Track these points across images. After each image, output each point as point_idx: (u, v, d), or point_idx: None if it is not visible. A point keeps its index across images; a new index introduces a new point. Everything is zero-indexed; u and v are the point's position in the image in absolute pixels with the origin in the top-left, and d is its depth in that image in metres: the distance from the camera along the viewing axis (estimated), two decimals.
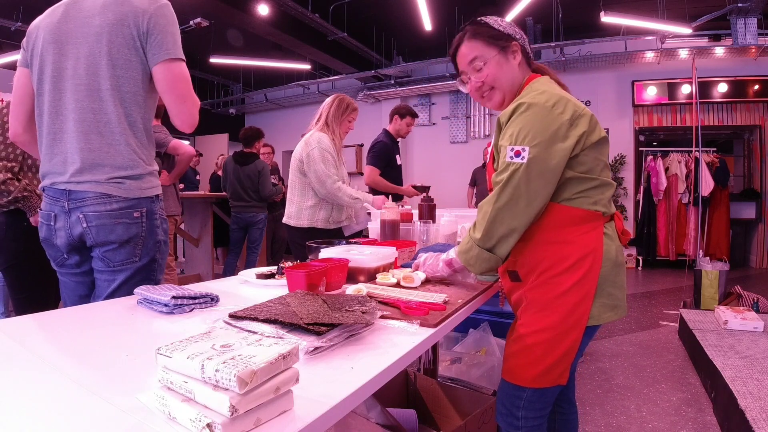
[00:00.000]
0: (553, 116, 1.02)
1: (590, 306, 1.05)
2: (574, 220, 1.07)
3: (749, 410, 1.78)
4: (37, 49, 1.26)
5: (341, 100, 2.41)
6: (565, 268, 1.06)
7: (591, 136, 1.06)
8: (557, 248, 1.08)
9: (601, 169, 1.09)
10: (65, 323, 0.89)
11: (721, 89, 6.01)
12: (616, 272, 1.09)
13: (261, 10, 5.44)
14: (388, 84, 7.70)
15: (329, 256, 1.24)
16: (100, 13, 1.20)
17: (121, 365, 0.67)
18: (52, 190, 1.24)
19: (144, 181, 1.26)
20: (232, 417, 0.45)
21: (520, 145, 1.01)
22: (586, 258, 1.05)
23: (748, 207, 6.18)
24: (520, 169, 1.00)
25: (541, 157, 1.00)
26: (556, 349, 1.06)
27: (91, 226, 1.20)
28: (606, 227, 1.09)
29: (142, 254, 1.27)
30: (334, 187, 2.26)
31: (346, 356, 0.71)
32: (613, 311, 1.09)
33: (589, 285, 1.05)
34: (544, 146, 1.00)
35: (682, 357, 2.85)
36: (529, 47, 1.22)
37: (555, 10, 5.83)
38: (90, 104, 1.20)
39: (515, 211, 1.02)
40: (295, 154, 2.34)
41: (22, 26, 5.66)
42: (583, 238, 1.07)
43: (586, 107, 1.08)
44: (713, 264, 3.58)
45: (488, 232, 1.05)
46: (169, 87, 1.23)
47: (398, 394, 1.80)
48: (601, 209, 1.08)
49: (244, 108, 9.75)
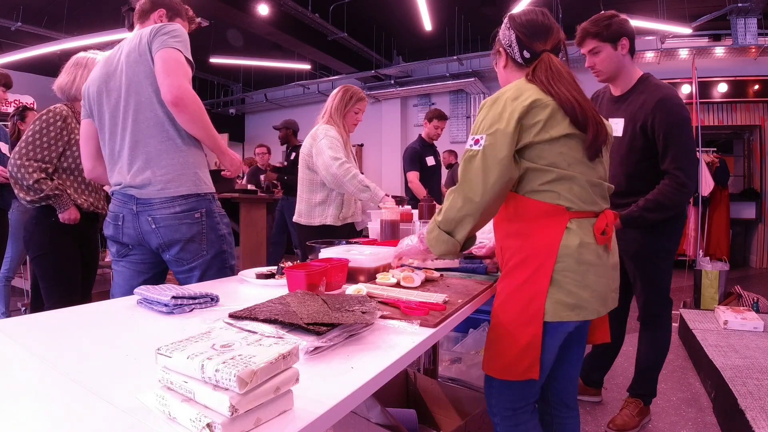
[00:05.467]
0: (511, 106, 1.04)
1: (544, 301, 1.04)
2: (536, 214, 1.07)
3: (749, 410, 1.78)
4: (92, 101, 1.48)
5: (346, 90, 2.33)
6: (520, 260, 1.08)
7: (551, 129, 1.04)
8: (516, 241, 1.10)
9: (568, 164, 1.06)
10: (65, 323, 0.89)
11: (721, 89, 6.00)
12: (580, 271, 1.05)
13: (261, 10, 5.44)
14: (388, 84, 7.70)
15: (329, 256, 1.24)
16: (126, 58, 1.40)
17: (121, 365, 0.67)
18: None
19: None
20: (232, 417, 0.45)
21: (479, 134, 1.05)
22: (539, 253, 1.05)
23: (748, 207, 6.18)
24: (476, 156, 1.04)
25: (493, 143, 1.02)
26: (516, 343, 1.06)
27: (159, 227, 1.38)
28: (571, 223, 1.05)
29: (209, 248, 1.42)
30: (341, 170, 2.10)
31: (346, 356, 0.71)
32: (573, 311, 1.05)
33: (541, 280, 1.04)
34: (498, 134, 1.02)
35: (682, 357, 2.85)
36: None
37: (555, 10, 5.83)
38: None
39: (470, 196, 1.04)
40: (303, 149, 2.29)
41: (22, 26, 5.66)
42: (540, 232, 1.06)
43: (552, 101, 1.06)
44: (713, 264, 3.58)
45: (446, 216, 1.09)
46: (160, 67, 1.32)
47: (398, 394, 1.80)
48: (565, 204, 1.05)
49: (244, 108, 9.75)
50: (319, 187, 2.27)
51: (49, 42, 5.65)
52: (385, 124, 8.26)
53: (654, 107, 1.71)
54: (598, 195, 1.11)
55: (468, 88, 7.35)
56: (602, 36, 1.75)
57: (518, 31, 1.17)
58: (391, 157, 8.01)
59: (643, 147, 1.76)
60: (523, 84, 1.09)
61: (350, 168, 2.13)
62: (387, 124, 8.24)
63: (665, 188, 1.69)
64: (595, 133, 1.07)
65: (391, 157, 8.01)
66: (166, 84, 1.29)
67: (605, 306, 1.12)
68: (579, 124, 1.06)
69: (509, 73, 1.22)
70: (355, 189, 2.14)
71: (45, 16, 5.74)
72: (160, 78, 1.32)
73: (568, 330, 1.09)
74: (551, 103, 1.05)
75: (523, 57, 1.18)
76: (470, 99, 7.73)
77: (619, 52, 1.76)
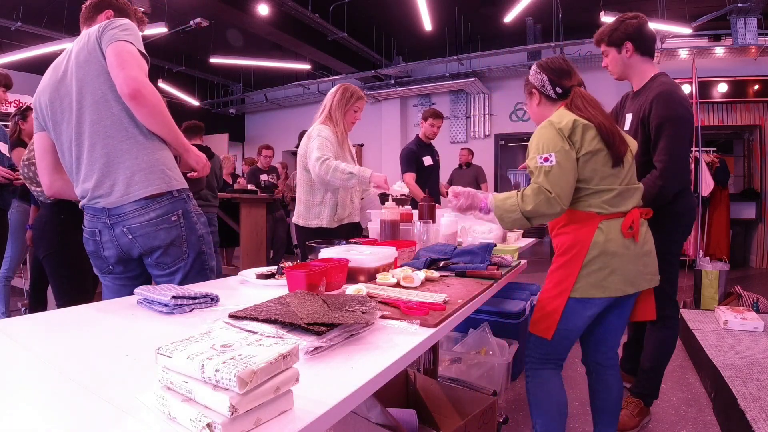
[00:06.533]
0: (559, 128, 1.36)
1: (574, 281, 1.38)
2: (575, 219, 1.42)
3: (749, 410, 1.78)
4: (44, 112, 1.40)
5: (345, 89, 2.32)
6: (561, 252, 1.44)
7: (587, 144, 1.35)
8: (562, 238, 1.45)
9: (600, 179, 1.37)
10: (65, 323, 0.90)
11: (721, 89, 6.00)
12: (606, 259, 1.36)
13: (261, 10, 5.44)
14: (388, 84, 7.70)
15: (329, 256, 1.24)
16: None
17: (121, 365, 0.67)
18: None
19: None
20: (232, 417, 0.45)
21: (547, 152, 1.35)
22: (575, 246, 1.40)
23: (748, 207, 6.18)
24: (553, 169, 1.34)
25: (563, 157, 1.35)
26: (545, 308, 1.44)
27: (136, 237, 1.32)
28: (602, 224, 1.38)
29: (189, 251, 1.37)
30: (323, 169, 2.07)
31: (346, 356, 0.71)
32: (598, 290, 1.38)
33: (573, 266, 1.39)
34: (563, 151, 1.34)
35: (682, 357, 2.85)
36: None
37: (555, 10, 5.83)
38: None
39: (561, 196, 1.34)
40: (300, 150, 2.29)
41: (22, 26, 5.66)
42: (577, 232, 1.40)
43: (585, 121, 1.36)
44: (713, 264, 3.58)
45: (537, 210, 1.35)
46: (113, 61, 1.24)
47: (398, 394, 1.80)
48: (596, 210, 1.38)
49: (244, 108, 9.76)
50: (316, 189, 2.27)
51: (49, 42, 5.64)
52: (385, 124, 8.26)
53: (652, 100, 1.78)
54: (626, 198, 1.41)
55: (468, 88, 7.35)
56: (607, 40, 1.91)
57: (549, 74, 1.50)
58: (391, 157, 8.00)
59: (644, 141, 1.81)
60: (563, 112, 1.42)
61: (330, 162, 2.09)
62: (387, 124, 8.25)
63: (646, 181, 1.74)
64: (618, 144, 1.37)
65: (391, 157, 8.00)
66: (121, 77, 1.21)
67: (633, 286, 1.41)
68: (606, 139, 1.35)
69: (543, 108, 1.54)
70: (341, 180, 2.09)
71: (45, 16, 5.74)
72: (114, 71, 1.24)
73: (595, 304, 1.40)
74: (586, 123, 1.36)
75: (556, 93, 1.49)
76: (470, 99, 7.73)
77: (623, 55, 1.89)
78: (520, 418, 2.08)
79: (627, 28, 1.85)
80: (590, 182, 1.37)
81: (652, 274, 1.46)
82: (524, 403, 2.20)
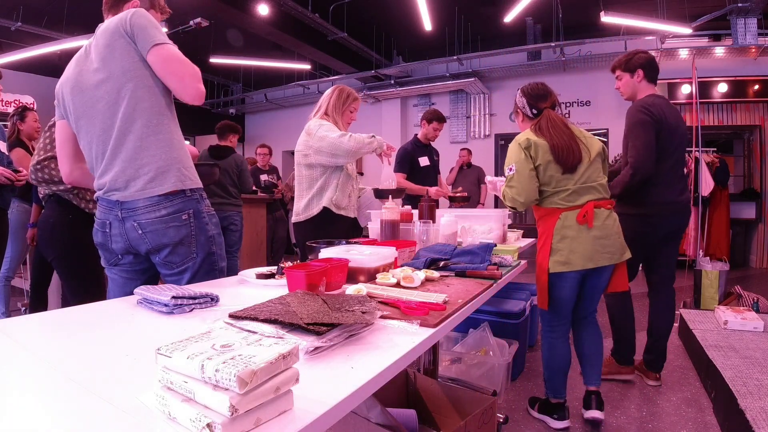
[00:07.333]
0: (520, 144, 1.85)
1: (547, 260, 1.84)
2: (542, 213, 1.90)
3: (749, 410, 1.78)
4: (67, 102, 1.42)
5: (341, 90, 2.34)
6: (539, 240, 1.92)
7: (539, 157, 1.81)
8: (538, 229, 1.92)
9: (557, 182, 1.83)
10: (65, 323, 0.90)
11: (721, 89, 6.01)
12: (566, 242, 1.80)
13: (261, 10, 5.44)
14: (388, 84, 7.69)
15: (329, 256, 1.24)
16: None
17: (121, 365, 0.67)
18: None
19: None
20: (232, 417, 0.45)
21: (509, 165, 1.87)
22: (544, 233, 1.88)
23: (748, 207, 6.18)
24: (514, 176, 1.84)
25: (521, 167, 1.84)
26: (537, 284, 1.90)
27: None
28: (562, 215, 1.82)
29: (198, 251, 1.38)
30: (351, 141, 2.10)
31: (346, 356, 0.71)
32: (563, 266, 1.81)
33: (545, 249, 1.85)
34: (521, 162, 1.84)
35: (682, 357, 2.85)
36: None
37: (555, 10, 5.83)
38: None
39: (517, 197, 1.85)
40: (298, 146, 2.25)
41: (22, 26, 5.66)
42: (545, 223, 1.88)
43: (540, 140, 1.83)
44: (713, 264, 3.58)
45: (512, 203, 1.86)
46: (163, 68, 1.30)
47: (398, 394, 1.80)
48: (556, 205, 1.84)
49: (244, 108, 9.75)
50: (316, 181, 2.23)
51: (49, 42, 5.64)
52: (385, 124, 8.26)
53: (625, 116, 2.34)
54: (581, 194, 1.82)
55: (468, 88, 7.35)
56: (623, 67, 2.40)
57: (527, 98, 1.94)
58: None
59: (626, 148, 2.32)
60: (527, 132, 1.88)
61: (352, 135, 2.14)
62: (387, 124, 8.24)
63: (623, 173, 2.28)
64: (566, 157, 1.80)
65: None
66: (188, 96, 1.31)
67: (593, 262, 1.81)
68: (555, 154, 1.80)
69: (524, 125, 1.97)
70: (368, 145, 2.14)
71: (45, 16, 5.73)
72: (172, 84, 1.31)
73: (568, 277, 1.83)
74: (538, 141, 1.82)
75: (532, 113, 1.93)
76: (470, 99, 7.73)
77: (634, 80, 2.38)
78: (520, 418, 2.08)
79: (639, 59, 2.35)
80: (549, 185, 1.83)
81: (611, 253, 1.83)
82: (524, 403, 2.20)
